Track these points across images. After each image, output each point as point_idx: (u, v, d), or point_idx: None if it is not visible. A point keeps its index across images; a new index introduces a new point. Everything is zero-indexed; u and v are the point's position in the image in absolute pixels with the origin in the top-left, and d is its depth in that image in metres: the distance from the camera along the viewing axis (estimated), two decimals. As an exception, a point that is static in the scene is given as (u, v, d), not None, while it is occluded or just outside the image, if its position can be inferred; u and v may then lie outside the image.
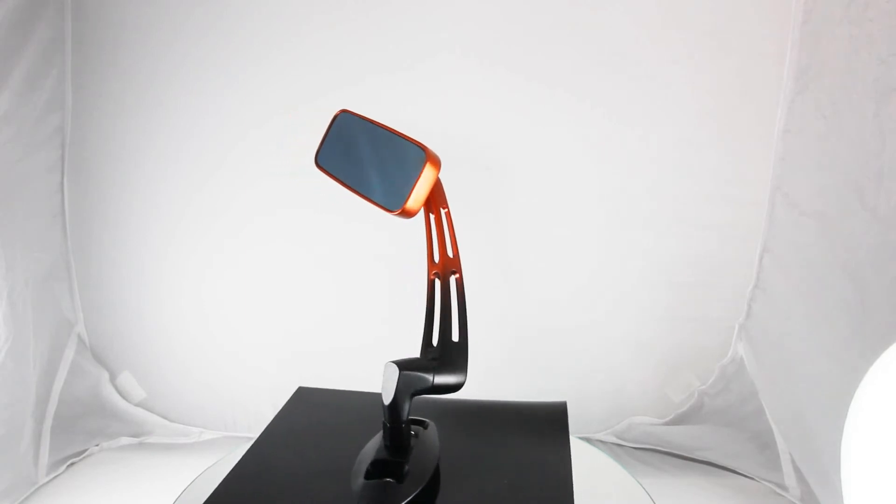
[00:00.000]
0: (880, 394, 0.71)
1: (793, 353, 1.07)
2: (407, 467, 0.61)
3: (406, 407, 0.61)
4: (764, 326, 1.17)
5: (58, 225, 1.29)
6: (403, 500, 0.58)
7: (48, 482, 1.22)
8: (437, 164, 0.58)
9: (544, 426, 0.73)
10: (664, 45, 1.15)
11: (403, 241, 1.26)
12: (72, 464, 1.29)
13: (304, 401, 0.85)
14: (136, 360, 1.37)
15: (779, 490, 1.18)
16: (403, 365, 0.61)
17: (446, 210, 0.65)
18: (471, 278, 0.68)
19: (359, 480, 0.61)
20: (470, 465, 0.66)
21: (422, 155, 0.58)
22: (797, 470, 1.13)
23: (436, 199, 0.64)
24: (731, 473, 1.25)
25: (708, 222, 1.20)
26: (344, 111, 0.67)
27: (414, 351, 0.67)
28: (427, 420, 0.70)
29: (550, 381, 1.31)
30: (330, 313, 1.33)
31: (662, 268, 1.24)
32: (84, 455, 1.31)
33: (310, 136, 1.24)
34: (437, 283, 0.65)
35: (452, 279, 0.65)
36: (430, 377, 0.61)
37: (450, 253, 0.65)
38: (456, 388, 0.63)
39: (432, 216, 0.65)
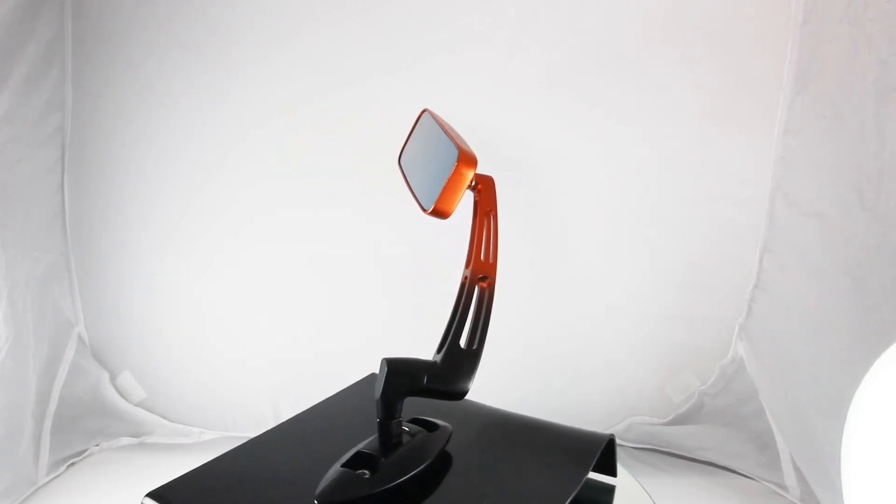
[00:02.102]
0: (880, 394, 0.71)
1: (793, 353, 1.07)
2: (383, 461, 0.59)
3: (397, 405, 0.60)
4: (764, 326, 1.17)
5: (58, 225, 1.29)
6: (362, 493, 0.56)
7: (48, 482, 1.22)
8: (470, 164, 0.57)
9: (570, 455, 0.67)
10: (664, 45, 1.15)
11: (404, 242, 1.26)
12: (72, 464, 1.29)
13: (363, 388, 0.80)
14: (136, 360, 1.37)
15: (779, 490, 1.18)
16: (394, 363, 0.59)
17: (493, 214, 0.63)
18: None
19: (335, 467, 0.60)
20: (466, 477, 0.63)
21: (454, 155, 0.57)
22: (797, 470, 1.13)
23: (483, 202, 0.62)
24: (731, 473, 1.24)
25: (708, 222, 1.20)
26: (426, 111, 0.66)
27: (416, 352, 0.66)
28: (440, 423, 0.67)
29: (551, 381, 1.31)
30: (329, 314, 1.33)
31: (663, 267, 1.24)
32: (84, 455, 1.31)
33: (310, 136, 1.26)
34: (465, 287, 0.63)
35: (483, 286, 0.63)
36: (423, 379, 0.59)
37: (488, 258, 0.63)
38: (455, 395, 0.61)
39: (477, 219, 0.63)
